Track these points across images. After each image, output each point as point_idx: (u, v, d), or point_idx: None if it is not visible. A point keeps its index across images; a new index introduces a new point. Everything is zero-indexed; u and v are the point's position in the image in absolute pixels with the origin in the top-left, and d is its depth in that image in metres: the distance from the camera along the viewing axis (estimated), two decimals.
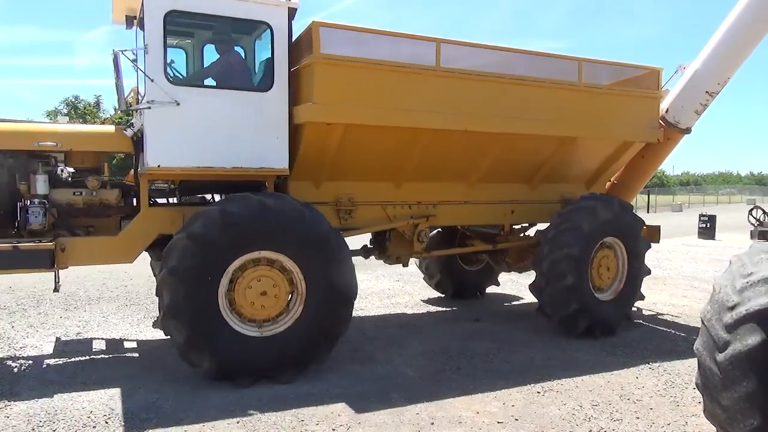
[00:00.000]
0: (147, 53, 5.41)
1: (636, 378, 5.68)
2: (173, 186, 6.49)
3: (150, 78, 5.41)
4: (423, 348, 6.55)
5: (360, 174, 6.53)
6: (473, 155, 6.89)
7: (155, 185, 6.44)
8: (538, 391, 5.27)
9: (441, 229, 8.40)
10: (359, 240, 7.22)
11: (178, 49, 6.92)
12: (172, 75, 5.86)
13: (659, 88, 7.85)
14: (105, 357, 6.15)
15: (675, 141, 8.19)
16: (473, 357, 6.25)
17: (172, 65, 6.07)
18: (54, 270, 5.52)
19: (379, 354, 6.31)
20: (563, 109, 7.06)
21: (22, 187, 5.68)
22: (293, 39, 6.01)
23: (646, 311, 8.64)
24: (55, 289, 5.86)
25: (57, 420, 4.49)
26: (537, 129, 6.90)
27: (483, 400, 5.05)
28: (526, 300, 9.29)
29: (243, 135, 5.77)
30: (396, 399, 5.02)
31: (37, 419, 4.50)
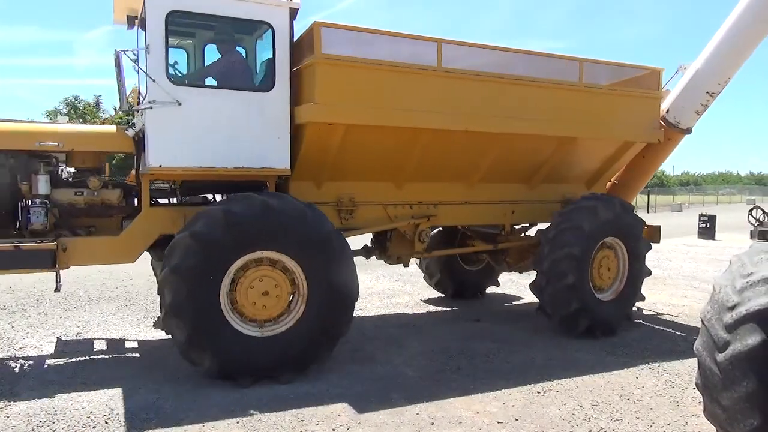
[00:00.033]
0: (148, 53, 5.41)
1: (636, 378, 5.69)
2: (174, 186, 6.49)
3: (151, 78, 5.42)
4: (423, 348, 6.56)
5: (361, 174, 6.54)
6: (474, 155, 6.90)
7: (156, 185, 6.43)
8: (538, 391, 5.28)
9: (441, 229, 8.41)
10: (360, 240, 7.23)
11: (179, 50, 6.93)
12: (173, 75, 5.86)
13: (660, 88, 7.86)
14: (105, 357, 6.16)
15: (675, 141, 8.21)
16: (473, 357, 6.25)
17: (175, 65, 6.07)
18: (55, 270, 5.53)
19: (379, 354, 6.32)
20: (563, 110, 7.07)
21: (23, 187, 5.69)
22: (294, 39, 6.02)
23: (646, 311, 8.65)
24: (56, 289, 5.87)
25: (57, 420, 4.50)
26: (537, 129, 6.90)
27: (483, 400, 5.05)
28: (526, 300, 9.30)
29: (244, 135, 5.77)
30: (396, 399, 5.02)
31: (37, 419, 4.50)
